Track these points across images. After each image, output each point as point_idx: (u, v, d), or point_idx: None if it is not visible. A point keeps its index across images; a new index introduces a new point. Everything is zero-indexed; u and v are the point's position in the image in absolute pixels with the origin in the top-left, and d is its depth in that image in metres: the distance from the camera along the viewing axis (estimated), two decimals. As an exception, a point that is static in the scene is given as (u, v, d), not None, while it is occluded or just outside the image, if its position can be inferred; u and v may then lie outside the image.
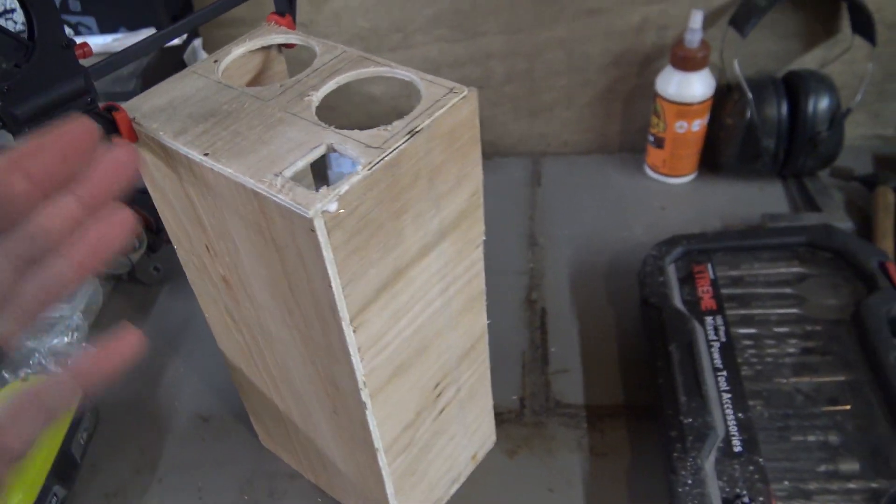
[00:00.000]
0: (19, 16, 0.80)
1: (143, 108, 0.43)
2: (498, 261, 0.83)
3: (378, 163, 0.37)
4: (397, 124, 0.39)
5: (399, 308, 0.45)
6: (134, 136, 0.43)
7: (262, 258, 0.42)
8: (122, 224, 0.26)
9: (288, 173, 0.37)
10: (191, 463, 0.67)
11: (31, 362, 0.70)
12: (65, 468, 0.64)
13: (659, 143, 0.87)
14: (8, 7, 0.79)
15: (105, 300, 0.81)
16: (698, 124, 0.84)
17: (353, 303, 0.40)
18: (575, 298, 0.78)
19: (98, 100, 0.41)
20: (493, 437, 0.66)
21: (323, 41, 0.47)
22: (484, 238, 0.50)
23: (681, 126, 0.84)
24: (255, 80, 0.50)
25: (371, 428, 0.47)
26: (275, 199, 0.36)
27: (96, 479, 0.66)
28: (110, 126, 0.42)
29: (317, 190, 0.36)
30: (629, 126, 0.94)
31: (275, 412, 0.59)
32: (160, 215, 0.49)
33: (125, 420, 0.71)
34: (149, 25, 0.80)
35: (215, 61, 0.46)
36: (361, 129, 0.39)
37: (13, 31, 0.37)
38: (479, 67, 0.91)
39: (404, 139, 0.38)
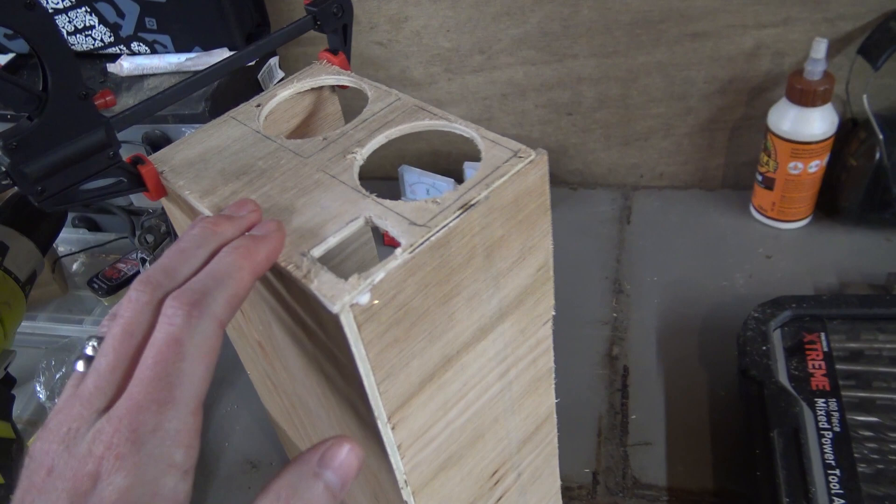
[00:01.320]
0: (98, 33, 0.79)
1: (173, 160, 0.39)
2: (576, 309, 0.75)
3: (422, 244, 0.31)
4: (448, 196, 0.33)
5: (448, 398, 0.38)
6: (162, 191, 0.39)
7: (292, 336, 0.37)
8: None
9: (317, 253, 0.32)
10: (235, 514, 0.63)
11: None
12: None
13: (768, 184, 0.77)
14: (87, 24, 0.78)
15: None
16: (816, 165, 0.74)
17: (390, 399, 0.34)
18: (663, 357, 0.70)
19: (119, 152, 0.36)
20: (560, 518, 0.58)
21: (376, 85, 0.41)
22: (553, 314, 0.43)
23: (795, 167, 0.74)
24: (305, 124, 0.45)
25: (414, 527, 0.41)
26: (299, 284, 0.31)
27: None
28: (136, 181, 0.38)
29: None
30: (734, 160, 0.84)
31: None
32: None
33: (173, 460, 0.68)
34: (223, 45, 0.77)
35: (258, 105, 0.42)
36: (439, 159, 0.33)
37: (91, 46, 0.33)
38: (567, 91, 0.83)
39: (455, 215, 0.32)
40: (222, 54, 0.76)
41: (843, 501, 0.51)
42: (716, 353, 0.69)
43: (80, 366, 0.28)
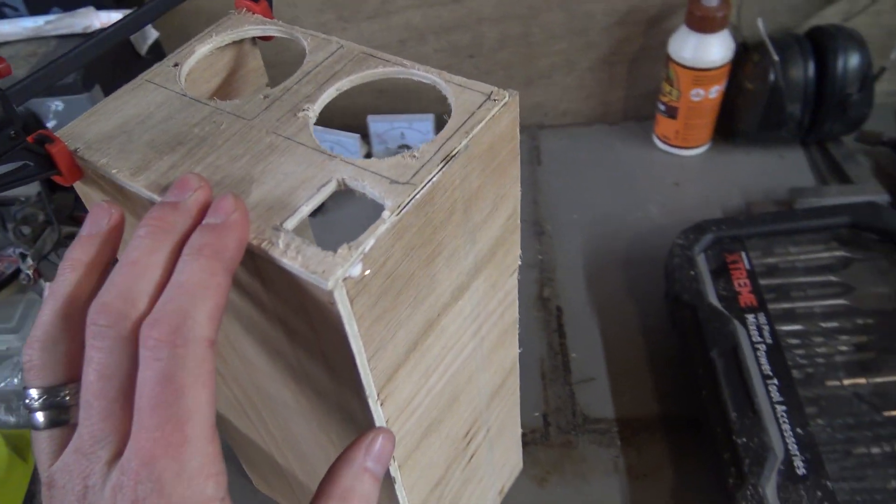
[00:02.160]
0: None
1: (87, 135, 0.33)
2: (504, 255, 0.74)
3: (409, 203, 0.28)
4: (426, 148, 0.30)
5: (429, 365, 0.36)
6: (77, 173, 0.33)
7: (256, 327, 0.33)
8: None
9: (290, 224, 0.28)
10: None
11: (-22, 413, 0.61)
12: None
13: (671, 113, 0.79)
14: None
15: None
16: (716, 91, 0.76)
17: (379, 375, 0.32)
18: (592, 293, 0.71)
19: (21, 130, 0.31)
20: (520, 465, 0.58)
21: (311, 33, 0.37)
22: (520, 263, 0.42)
23: (697, 94, 0.76)
24: (227, 84, 0.40)
25: (400, 499, 0.39)
26: (279, 263, 0.27)
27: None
28: (45, 163, 0.32)
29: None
30: (634, 91, 0.86)
31: (274, 465, 0.51)
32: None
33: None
34: (87, 3, 0.68)
35: (175, 65, 0.36)
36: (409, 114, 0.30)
37: None
38: (468, 33, 0.81)
39: (439, 168, 0.29)
40: (88, 14, 0.67)
41: (784, 408, 0.54)
42: (643, 284, 0.71)
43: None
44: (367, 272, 0.28)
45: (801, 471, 0.51)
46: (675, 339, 0.64)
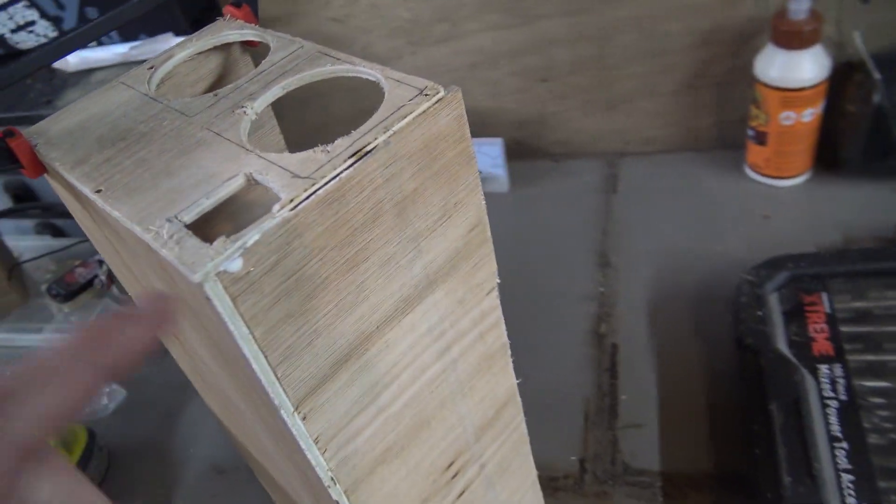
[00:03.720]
0: (41, 28, 0.75)
1: (50, 131, 0.35)
2: (559, 285, 0.70)
3: (306, 199, 0.26)
4: (341, 142, 0.28)
5: (375, 382, 0.34)
6: (40, 167, 0.34)
7: (189, 322, 0.33)
8: None
9: (187, 217, 0.27)
10: (197, 525, 0.59)
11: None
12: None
13: (760, 139, 0.71)
14: (28, 20, 0.74)
15: (131, 330, 0.75)
16: (810, 114, 0.68)
17: (294, 385, 0.30)
18: (654, 332, 0.65)
19: (-17, 124, 0.32)
20: (543, 511, 0.53)
21: (280, 35, 0.37)
22: (498, 281, 0.38)
23: (787, 117, 0.68)
24: (214, 89, 0.41)
25: (352, 531, 0.37)
26: (161, 253, 0.26)
27: (96, 540, 0.59)
28: (7, 157, 0.33)
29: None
30: (725, 117, 0.79)
31: (271, 480, 0.50)
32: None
33: (137, 464, 0.64)
34: (168, 30, 0.73)
35: (150, 68, 0.37)
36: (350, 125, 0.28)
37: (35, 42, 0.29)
38: (540, 56, 0.78)
39: (346, 164, 0.27)
40: (167, 39, 0.72)
41: (851, 477, 0.46)
42: (713, 325, 0.64)
43: None
44: (252, 269, 0.26)
45: (862, 553, 0.42)
46: (742, 392, 0.57)
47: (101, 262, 0.73)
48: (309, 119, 0.88)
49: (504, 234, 0.37)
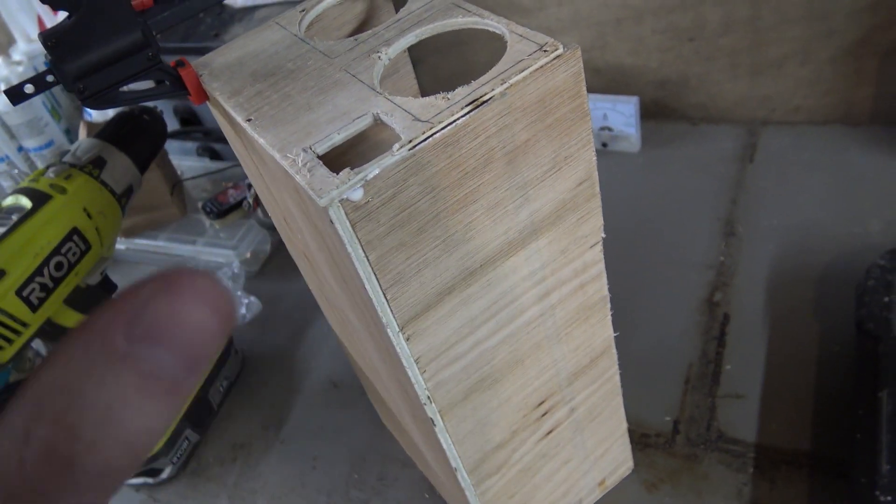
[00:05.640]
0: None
1: (213, 64, 0.39)
2: (679, 250, 0.70)
3: (423, 141, 0.29)
4: (460, 91, 0.31)
5: (475, 315, 0.37)
6: (204, 95, 0.39)
7: (315, 241, 0.37)
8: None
9: (320, 148, 0.31)
10: (313, 428, 0.65)
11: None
12: (201, 414, 0.66)
13: (921, 116, 0.66)
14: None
15: (272, 250, 0.83)
16: (983, 92, 0.62)
17: (401, 307, 0.33)
18: (770, 307, 0.63)
19: (160, 54, 0.37)
20: (630, 464, 0.55)
21: (420, -15, 0.39)
22: (603, 236, 0.40)
23: (955, 94, 0.63)
24: (358, 33, 0.44)
25: (444, 446, 0.40)
26: (295, 179, 0.30)
27: (228, 429, 0.67)
28: (178, 84, 0.38)
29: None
30: (885, 90, 0.73)
31: (378, 396, 0.55)
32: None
33: (265, 372, 0.72)
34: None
35: (302, 11, 0.41)
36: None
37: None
38: (689, 14, 0.76)
39: (463, 112, 0.30)
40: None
41: (959, 476, 0.44)
42: (834, 307, 0.61)
43: None
44: (370, 200, 0.29)
45: (956, 553, 0.41)
46: (854, 377, 0.55)
47: (249, 186, 0.80)
48: (448, 66, 0.91)
49: (630, 194, 0.38)
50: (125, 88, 0.37)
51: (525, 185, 0.34)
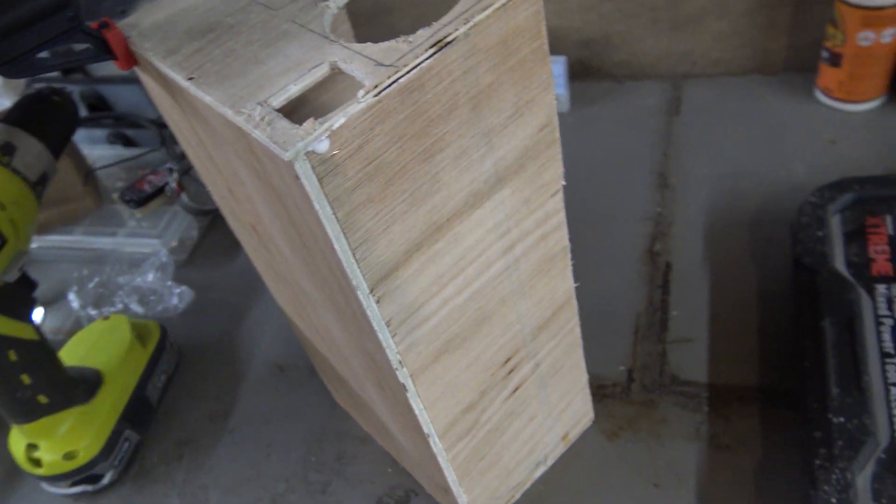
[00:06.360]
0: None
1: (142, 23, 0.36)
2: (617, 204, 0.71)
3: (389, 86, 0.28)
4: (422, 33, 0.29)
5: (443, 273, 0.35)
6: (132, 59, 0.36)
7: (270, 207, 0.35)
8: None
9: (276, 102, 0.29)
10: (263, 415, 0.63)
11: (114, 300, 0.69)
12: (139, 412, 0.62)
13: (835, 61, 0.69)
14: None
15: (200, 236, 0.79)
16: (890, 34, 0.65)
17: (371, 267, 0.32)
18: (709, 252, 0.65)
19: (82, 15, 0.34)
20: (591, 415, 0.56)
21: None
22: (563, 183, 0.39)
23: (866, 38, 0.66)
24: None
25: (416, 412, 0.39)
26: (253, 134, 0.28)
27: (171, 425, 0.64)
28: (103, 47, 0.35)
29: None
30: (799, 39, 0.76)
31: (334, 372, 0.53)
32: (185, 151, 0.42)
33: (204, 363, 0.69)
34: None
35: (233, -36, 0.38)
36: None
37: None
38: (608, -28, 0.76)
39: (428, 54, 0.28)
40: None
41: (901, 392, 0.46)
42: (769, 247, 0.64)
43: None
44: (336, 152, 0.27)
45: (906, 463, 0.44)
46: (794, 311, 0.57)
47: (171, 171, 0.76)
48: (374, 36, 0.89)
49: (563, 153, 0.38)
50: (44, 54, 0.34)
51: (489, 133, 0.33)
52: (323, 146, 0.27)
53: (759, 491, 0.50)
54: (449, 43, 0.29)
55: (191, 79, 0.31)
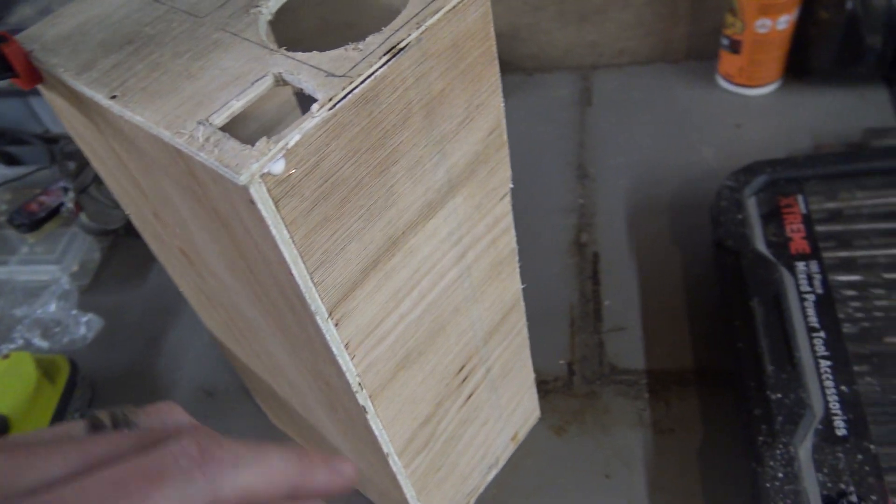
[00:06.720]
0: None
1: (44, 37, 0.32)
2: (540, 198, 0.71)
3: (344, 98, 0.26)
4: (372, 40, 0.28)
5: (399, 288, 0.34)
6: (36, 76, 0.32)
7: (209, 232, 0.32)
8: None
9: (217, 120, 0.26)
10: (194, 444, 0.59)
11: (13, 336, 0.63)
12: (55, 454, 0.57)
13: (735, 48, 0.72)
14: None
15: (103, 258, 0.73)
16: (785, 21, 0.69)
17: (328, 290, 0.30)
18: (633, 240, 0.66)
19: (-26, 28, 0.30)
20: (537, 413, 0.56)
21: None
22: (511, 186, 0.38)
23: (763, 25, 0.69)
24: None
25: (376, 432, 0.38)
26: (197, 158, 0.25)
27: (92, 464, 0.59)
28: (1, 64, 0.31)
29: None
30: (700, 28, 0.79)
31: (275, 396, 0.50)
32: (99, 174, 0.39)
33: (122, 395, 0.64)
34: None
35: (145, -35, 0.35)
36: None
37: None
38: (514, -35, 0.76)
39: (382, 61, 0.27)
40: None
41: (829, 363, 0.49)
42: (690, 231, 0.66)
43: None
44: (293, 171, 0.25)
45: (841, 431, 0.46)
46: (720, 292, 0.59)
47: (65, 190, 0.70)
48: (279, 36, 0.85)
49: None
50: (-70, 74, 0.30)
51: (442, 140, 0.32)
52: (279, 167, 0.25)
53: (705, 470, 0.51)
54: (402, 49, 0.27)
55: (114, 97, 0.28)
